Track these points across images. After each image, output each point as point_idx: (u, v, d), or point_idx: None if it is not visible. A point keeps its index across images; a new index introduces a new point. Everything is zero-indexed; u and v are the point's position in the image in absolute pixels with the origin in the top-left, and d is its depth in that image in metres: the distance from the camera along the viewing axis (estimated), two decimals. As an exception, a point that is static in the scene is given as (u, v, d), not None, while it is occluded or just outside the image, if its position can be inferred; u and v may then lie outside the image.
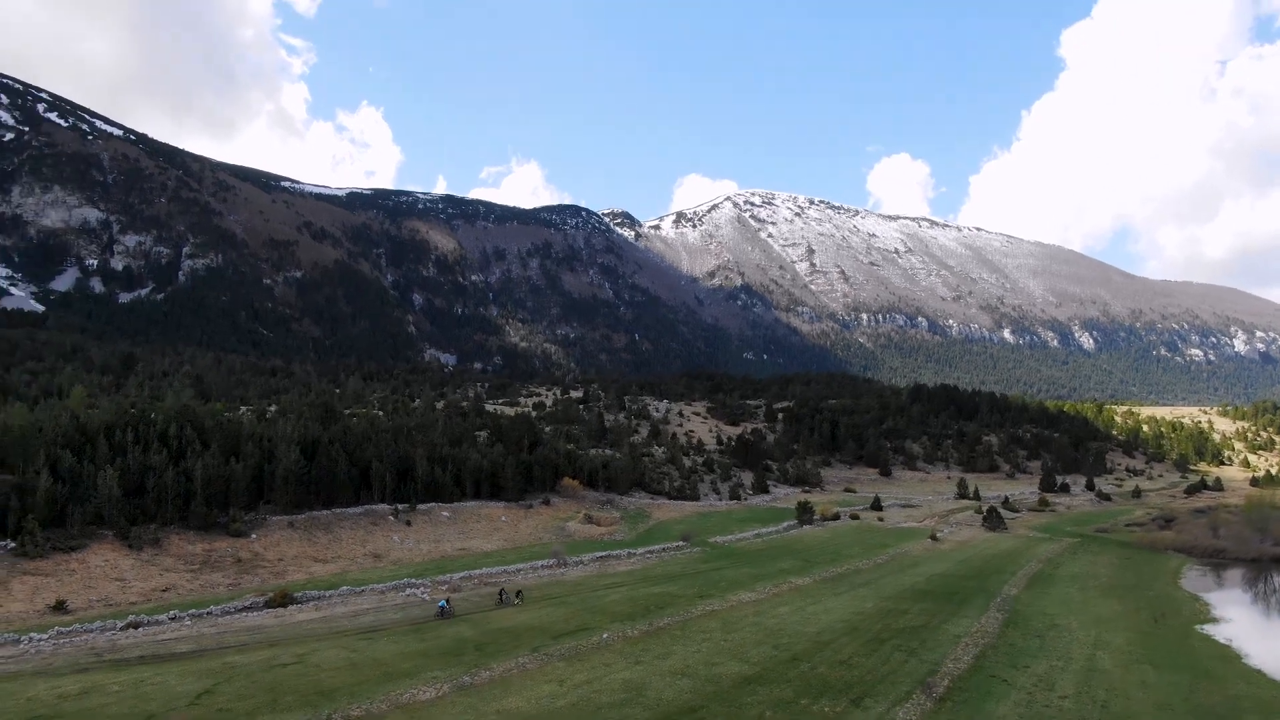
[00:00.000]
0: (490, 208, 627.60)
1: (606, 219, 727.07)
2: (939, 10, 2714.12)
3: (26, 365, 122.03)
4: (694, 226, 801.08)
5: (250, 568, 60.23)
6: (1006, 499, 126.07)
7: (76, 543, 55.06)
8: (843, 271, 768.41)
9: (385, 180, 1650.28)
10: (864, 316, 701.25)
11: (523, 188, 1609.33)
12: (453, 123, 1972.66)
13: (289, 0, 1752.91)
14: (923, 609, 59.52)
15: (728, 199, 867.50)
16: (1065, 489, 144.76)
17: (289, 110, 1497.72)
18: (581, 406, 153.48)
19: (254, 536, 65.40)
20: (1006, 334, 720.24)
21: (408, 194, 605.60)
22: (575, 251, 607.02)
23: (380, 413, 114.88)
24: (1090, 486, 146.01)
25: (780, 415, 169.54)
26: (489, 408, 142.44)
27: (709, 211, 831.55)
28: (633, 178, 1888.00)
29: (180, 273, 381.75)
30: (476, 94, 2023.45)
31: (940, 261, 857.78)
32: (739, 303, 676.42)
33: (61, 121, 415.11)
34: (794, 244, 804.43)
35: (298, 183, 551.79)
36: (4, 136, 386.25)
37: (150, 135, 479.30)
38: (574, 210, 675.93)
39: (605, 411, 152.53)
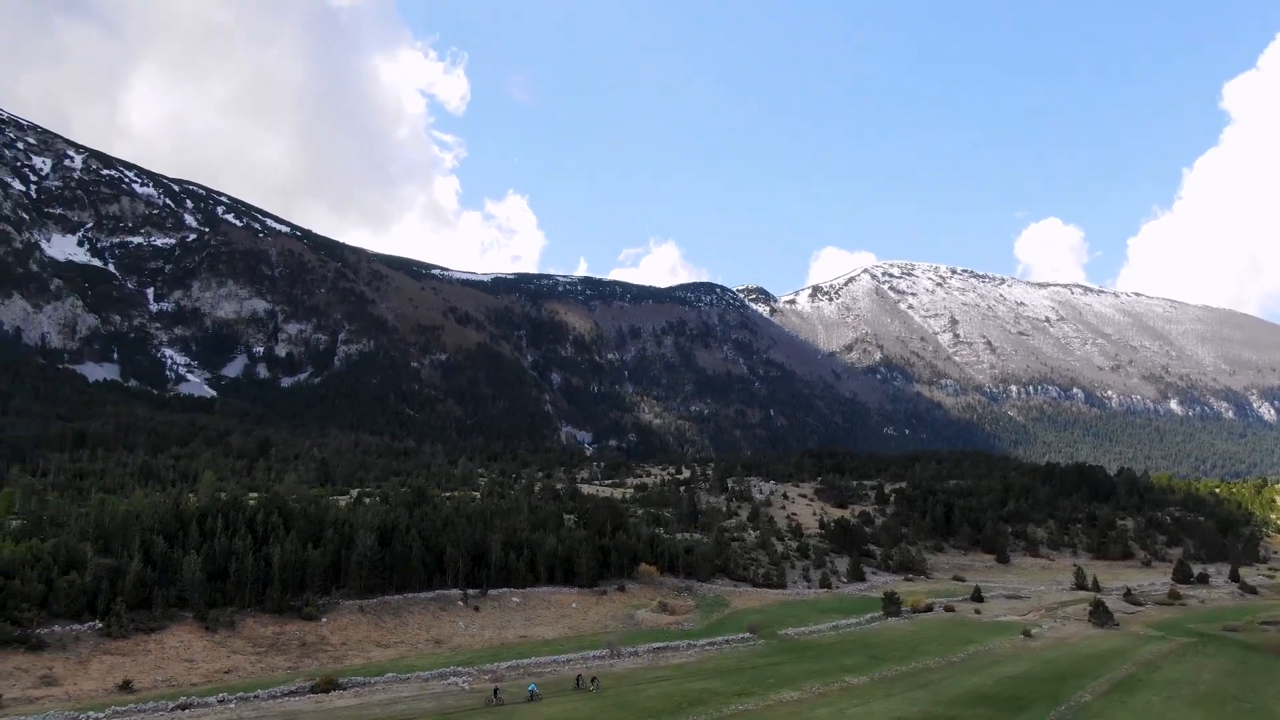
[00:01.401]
0: (626, 288, 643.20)
1: (741, 295, 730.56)
2: (1087, 69, 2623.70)
3: (173, 450, 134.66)
4: (830, 300, 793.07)
5: (313, 651, 64.24)
6: (1129, 591, 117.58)
7: (158, 624, 60.61)
8: (989, 342, 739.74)
9: (529, 264, 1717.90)
10: (1013, 388, 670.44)
11: (661, 267, 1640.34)
12: (593, 207, 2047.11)
13: (440, 100, 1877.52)
14: (974, 716, 57.05)
15: (865, 271, 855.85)
16: (1204, 580, 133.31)
17: (440, 201, 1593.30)
18: (682, 488, 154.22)
19: (324, 620, 69.70)
20: (1173, 405, 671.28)
21: (548, 277, 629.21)
22: (709, 328, 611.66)
23: (477, 494, 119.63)
24: (1234, 577, 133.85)
25: (891, 497, 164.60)
26: (587, 489, 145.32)
27: (846, 284, 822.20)
28: (768, 253, 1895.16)
29: (336, 358, 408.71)
30: (616, 178, 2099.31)
31: (1096, 329, 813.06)
32: (878, 376, 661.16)
33: (237, 222, 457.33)
34: (936, 315, 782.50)
35: (447, 270, 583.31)
36: (189, 238, 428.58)
37: (314, 231, 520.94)
38: (708, 287, 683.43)
39: (707, 493, 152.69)
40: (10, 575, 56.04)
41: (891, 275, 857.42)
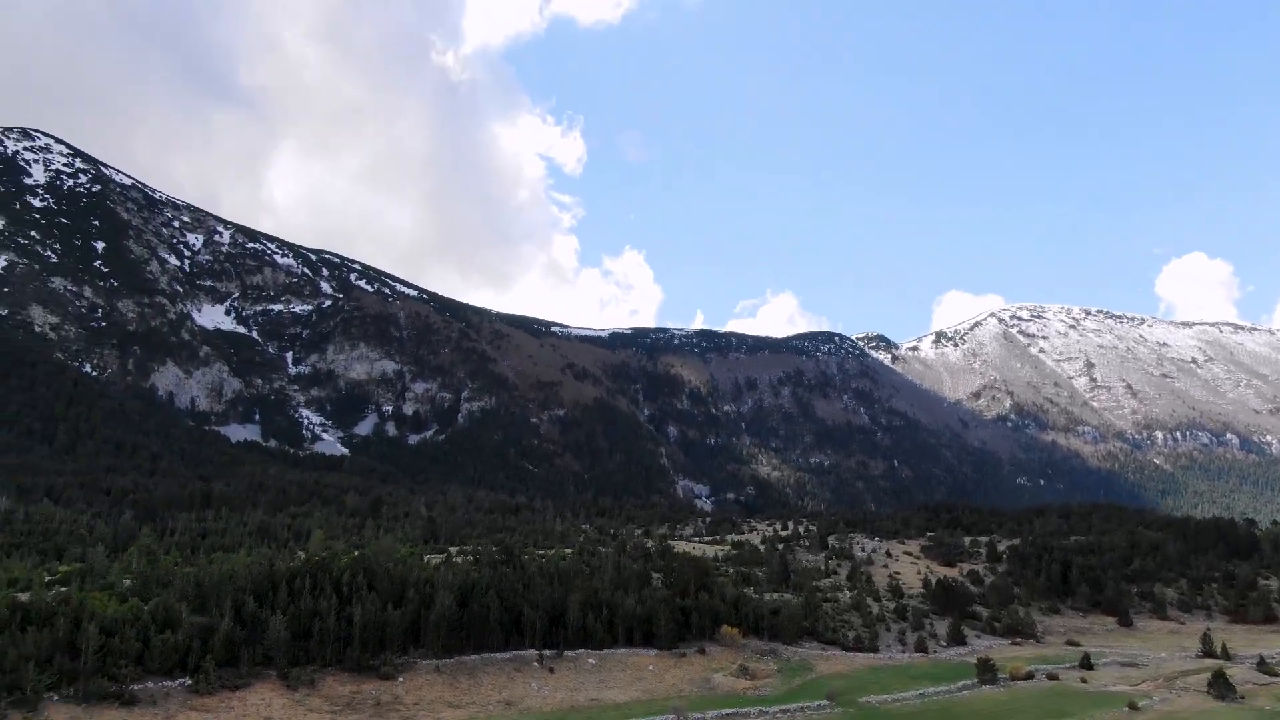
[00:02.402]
0: (742, 339, 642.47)
1: (860, 343, 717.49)
2: (1227, 93, 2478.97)
3: (290, 509, 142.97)
4: (955, 346, 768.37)
5: (386, 710, 66.95)
6: (1262, 659, 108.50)
7: (243, 681, 64.64)
8: (1129, 386, 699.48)
9: (647, 319, 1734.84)
10: (1158, 435, 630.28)
11: (778, 316, 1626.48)
12: (709, 260, 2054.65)
13: (558, 163, 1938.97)
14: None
15: (992, 315, 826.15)
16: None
17: (560, 260, 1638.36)
18: (781, 545, 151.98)
19: (400, 680, 72.48)
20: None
21: (664, 331, 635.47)
22: (828, 378, 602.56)
23: (569, 551, 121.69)
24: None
25: (1004, 554, 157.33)
26: (683, 546, 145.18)
27: (971, 329, 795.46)
28: (888, 299, 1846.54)
29: (460, 415, 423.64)
30: (731, 231, 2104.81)
31: (1250, 370, 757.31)
32: (1009, 424, 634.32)
33: (368, 287, 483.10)
34: (1070, 359, 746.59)
35: (565, 327, 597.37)
36: (324, 304, 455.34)
37: (439, 293, 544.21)
38: (826, 336, 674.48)
39: (805, 550, 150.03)
40: (111, 633, 61.12)
41: (1020, 318, 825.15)
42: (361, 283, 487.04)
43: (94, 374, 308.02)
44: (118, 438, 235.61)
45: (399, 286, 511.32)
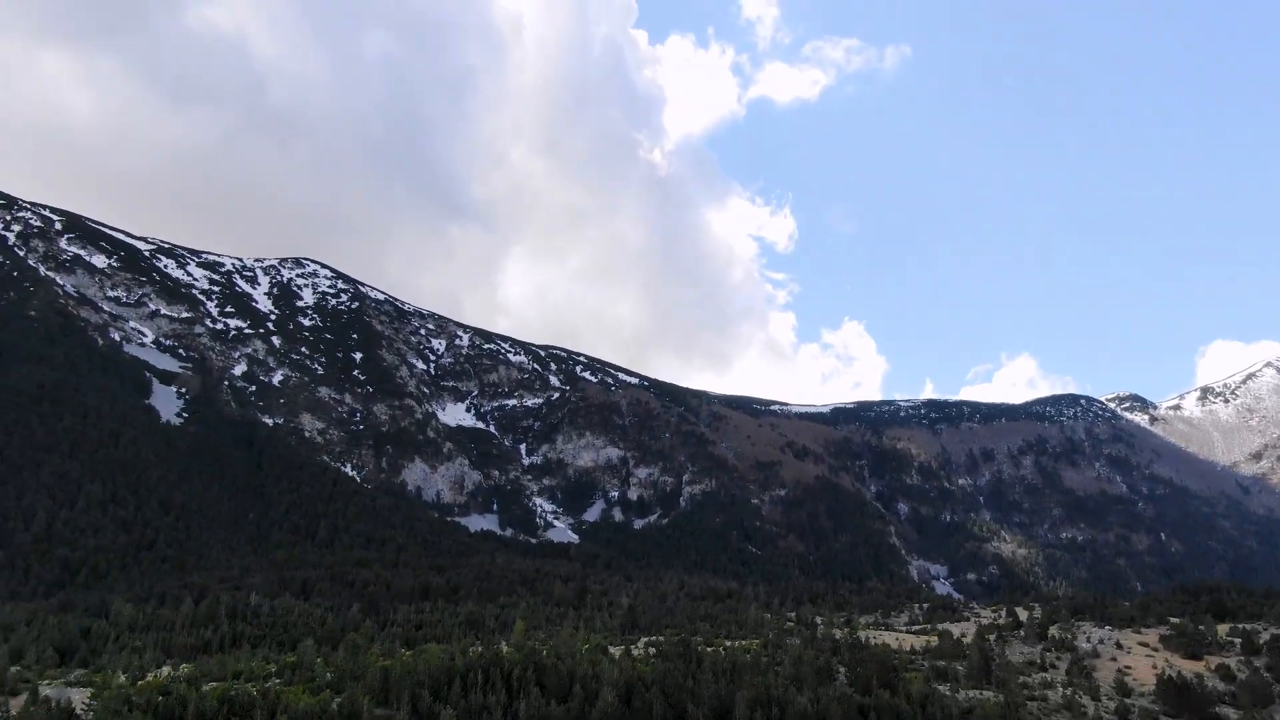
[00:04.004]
0: (975, 407, 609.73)
1: (1110, 404, 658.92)
2: None
3: (500, 599, 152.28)
4: (1226, 401, 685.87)
5: (544, 803, 70.30)
6: None
7: (416, 771, 70.46)
8: None
9: (871, 391, 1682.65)
10: None
11: (1016, 380, 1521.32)
12: (934, 326, 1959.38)
13: (770, 241, 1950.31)
14: None
15: (1269, 364, 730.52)
16: None
17: (777, 337, 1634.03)
18: (993, 635, 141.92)
19: (563, 773, 75.82)
20: None
21: (889, 403, 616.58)
22: (1075, 444, 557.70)
23: (756, 642, 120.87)
24: None
25: (1263, 645, 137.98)
26: (885, 637, 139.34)
27: (1244, 381, 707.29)
28: (1142, 354, 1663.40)
29: (681, 498, 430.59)
30: (955, 295, 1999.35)
31: None
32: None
33: (592, 378, 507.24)
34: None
35: (785, 404, 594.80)
36: (553, 396, 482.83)
37: (659, 379, 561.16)
38: (1070, 399, 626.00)
39: (1021, 641, 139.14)
40: (302, 725, 69.11)
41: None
42: (586, 374, 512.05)
43: (352, 473, 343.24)
44: (369, 531, 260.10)
45: (621, 375, 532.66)
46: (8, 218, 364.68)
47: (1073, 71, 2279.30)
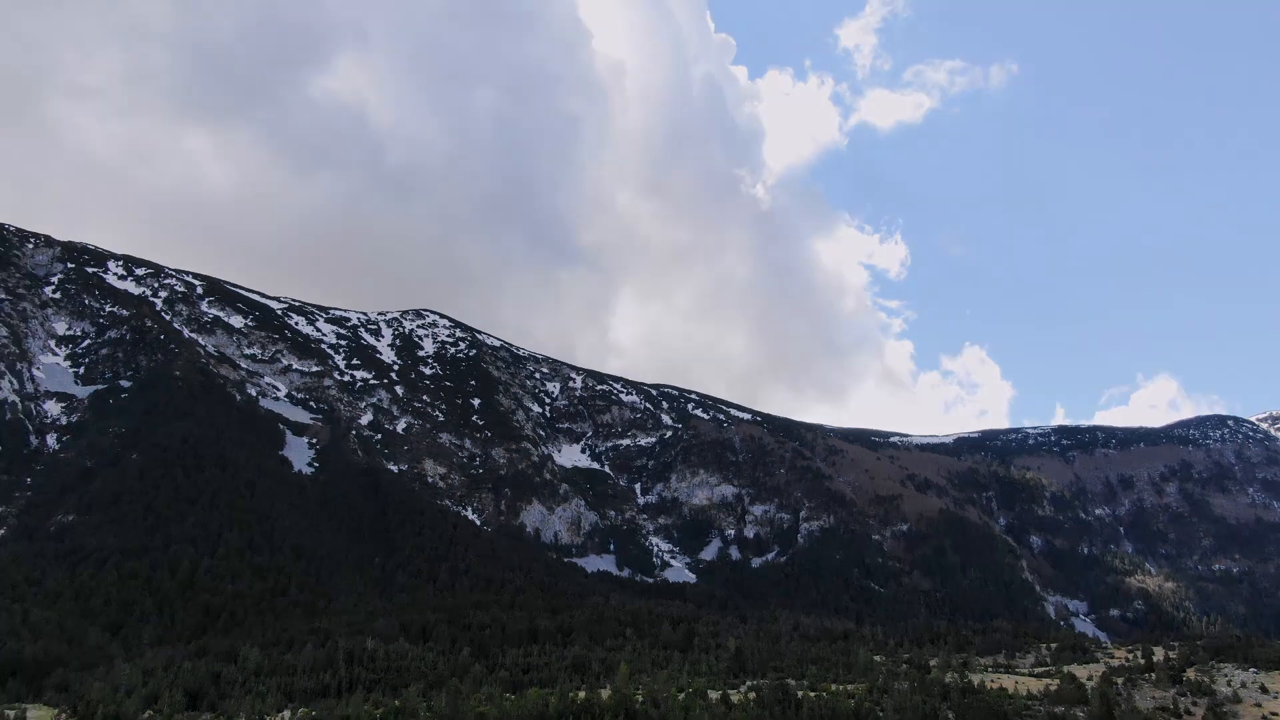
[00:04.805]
0: (1110, 432, 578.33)
1: (1263, 424, 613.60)
2: None
3: (607, 642, 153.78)
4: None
5: None
6: None
7: (511, 816, 72.40)
8: None
9: (998, 418, 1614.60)
10: None
11: (1156, 401, 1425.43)
12: (1064, 348, 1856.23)
13: (881, 269, 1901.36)
14: None
15: None
16: None
17: (894, 366, 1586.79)
18: (1121, 679, 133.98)
19: (655, 821, 76.29)
20: None
21: (1016, 431, 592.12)
22: (1225, 469, 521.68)
23: (864, 686, 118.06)
24: None
25: None
26: (1003, 680, 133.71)
27: None
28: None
29: (799, 535, 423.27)
30: (1083, 315, 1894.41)
31: None
32: None
33: (704, 415, 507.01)
34: None
35: (906, 436, 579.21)
36: (666, 435, 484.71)
37: (772, 414, 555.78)
38: (1217, 421, 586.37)
39: (1153, 686, 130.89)
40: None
41: None
42: (698, 411, 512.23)
43: (473, 516, 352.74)
44: (488, 573, 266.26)
45: (732, 411, 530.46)
46: (156, 285, 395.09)
47: (1195, 75, 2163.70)
